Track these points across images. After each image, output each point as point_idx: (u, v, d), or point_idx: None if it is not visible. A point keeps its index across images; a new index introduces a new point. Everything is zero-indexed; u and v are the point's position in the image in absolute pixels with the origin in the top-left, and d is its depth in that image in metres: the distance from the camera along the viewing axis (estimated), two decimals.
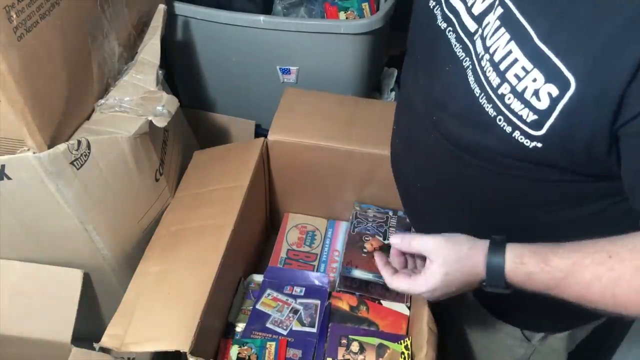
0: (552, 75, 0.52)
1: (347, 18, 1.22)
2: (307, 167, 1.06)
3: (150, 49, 0.96)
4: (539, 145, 0.56)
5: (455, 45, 0.64)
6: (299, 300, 0.96)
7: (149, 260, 0.88)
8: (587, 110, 0.52)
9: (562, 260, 0.56)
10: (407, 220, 1.07)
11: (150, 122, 0.86)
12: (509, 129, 0.57)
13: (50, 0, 0.72)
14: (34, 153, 0.74)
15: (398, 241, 0.69)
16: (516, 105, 0.56)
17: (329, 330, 0.89)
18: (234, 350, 0.87)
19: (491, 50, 0.58)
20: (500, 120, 0.58)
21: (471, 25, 0.62)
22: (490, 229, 0.63)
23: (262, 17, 1.14)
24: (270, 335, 0.90)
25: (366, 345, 0.85)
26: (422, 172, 0.76)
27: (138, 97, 0.88)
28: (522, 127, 0.56)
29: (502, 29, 0.57)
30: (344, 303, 0.94)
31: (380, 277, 0.98)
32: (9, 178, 0.75)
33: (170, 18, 1.16)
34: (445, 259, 0.63)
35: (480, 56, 0.60)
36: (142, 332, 0.77)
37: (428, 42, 0.70)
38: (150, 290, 0.82)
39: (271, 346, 0.87)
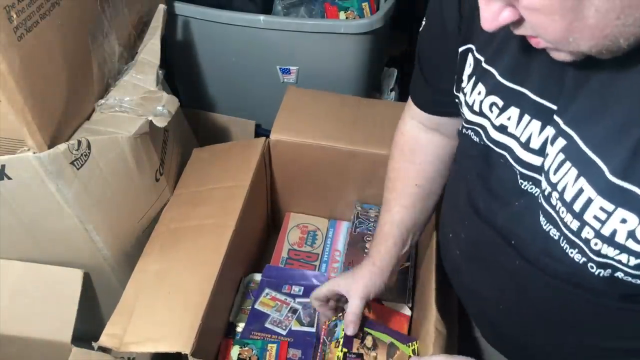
0: None
1: (347, 18, 1.22)
2: (309, 166, 1.06)
3: (150, 49, 0.96)
4: None
5: (519, 179, 0.57)
6: (297, 300, 0.96)
7: (148, 257, 0.87)
8: None
9: None
10: None
11: (151, 122, 0.86)
12: (607, 272, 0.51)
13: (50, 0, 0.72)
14: (34, 153, 0.73)
15: None
16: (608, 250, 0.48)
17: None
18: (234, 351, 0.86)
19: (559, 188, 0.51)
20: (592, 267, 0.51)
21: (534, 160, 0.55)
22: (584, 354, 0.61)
23: (262, 17, 1.14)
24: (269, 336, 0.90)
25: (379, 342, 0.84)
26: (507, 298, 0.66)
27: (138, 97, 0.88)
28: (626, 270, 0.49)
29: (568, 163, 0.49)
30: None
31: None
32: (9, 178, 0.75)
33: (170, 18, 1.16)
34: None
35: (547, 193, 0.53)
36: (142, 332, 0.76)
37: (479, 162, 0.63)
38: (150, 288, 0.82)
39: (272, 348, 0.87)
